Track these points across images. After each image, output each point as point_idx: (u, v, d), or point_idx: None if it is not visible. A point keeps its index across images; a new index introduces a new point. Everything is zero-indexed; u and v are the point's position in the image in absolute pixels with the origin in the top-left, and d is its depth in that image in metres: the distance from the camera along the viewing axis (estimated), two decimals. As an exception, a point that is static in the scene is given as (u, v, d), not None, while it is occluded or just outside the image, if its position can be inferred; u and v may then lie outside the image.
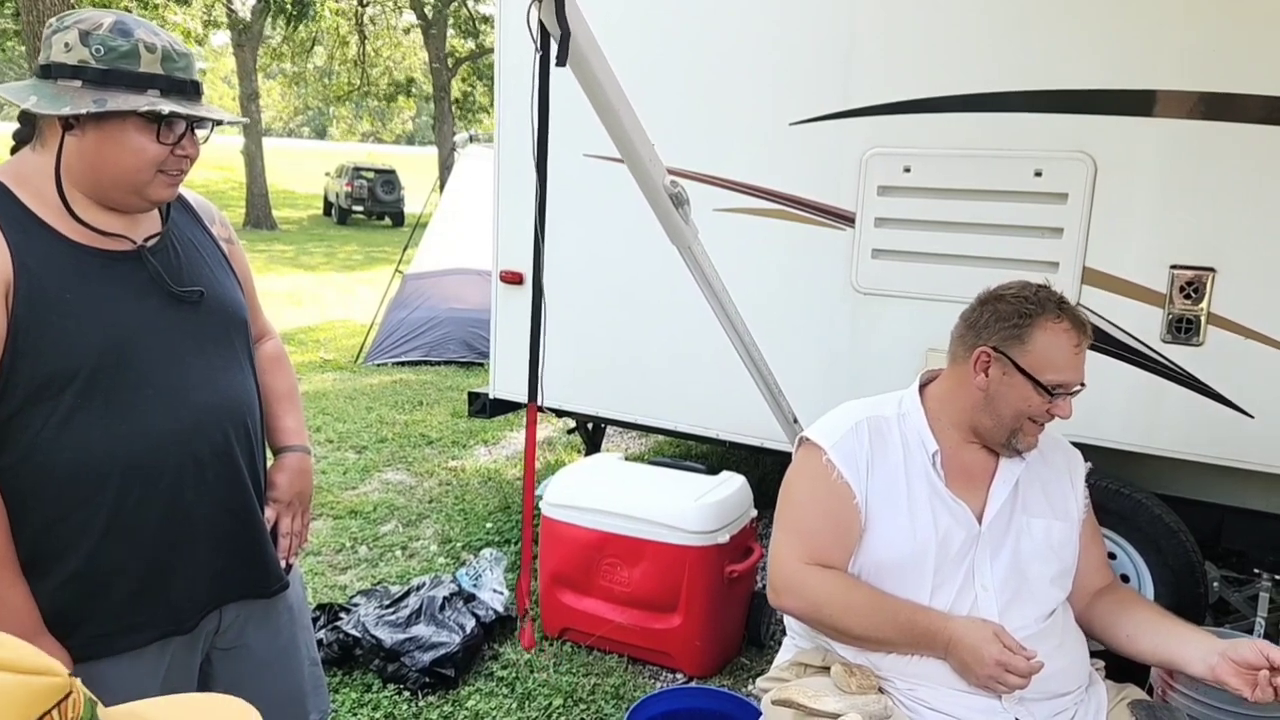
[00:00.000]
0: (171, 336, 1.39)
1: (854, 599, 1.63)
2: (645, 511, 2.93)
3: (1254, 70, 2.47)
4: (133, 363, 1.34)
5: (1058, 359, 1.62)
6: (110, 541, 1.34)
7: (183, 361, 1.40)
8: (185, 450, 1.39)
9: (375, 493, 4.60)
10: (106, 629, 1.37)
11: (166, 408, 1.37)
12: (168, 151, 1.34)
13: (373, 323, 7.90)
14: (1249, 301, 2.54)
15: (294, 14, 16.70)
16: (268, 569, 1.57)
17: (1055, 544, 1.70)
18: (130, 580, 1.37)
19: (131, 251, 1.38)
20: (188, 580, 1.43)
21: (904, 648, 1.61)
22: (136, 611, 1.39)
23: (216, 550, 1.47)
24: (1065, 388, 1.63)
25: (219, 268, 1.52)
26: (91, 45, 1.28)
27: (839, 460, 1.69)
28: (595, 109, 1.82)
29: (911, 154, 2.92)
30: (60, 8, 7.81)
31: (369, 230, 21.76)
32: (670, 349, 3.48)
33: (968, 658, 1.54)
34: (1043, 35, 2.72)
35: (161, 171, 1.35)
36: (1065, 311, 1.64)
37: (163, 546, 1.39)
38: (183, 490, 1.39)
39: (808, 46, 3.08)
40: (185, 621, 1.45)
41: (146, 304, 1.37)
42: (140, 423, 1.34)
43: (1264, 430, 2.56)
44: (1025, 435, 1.67)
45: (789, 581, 1.68)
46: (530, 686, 2.85)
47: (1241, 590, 2.81)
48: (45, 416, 1.29)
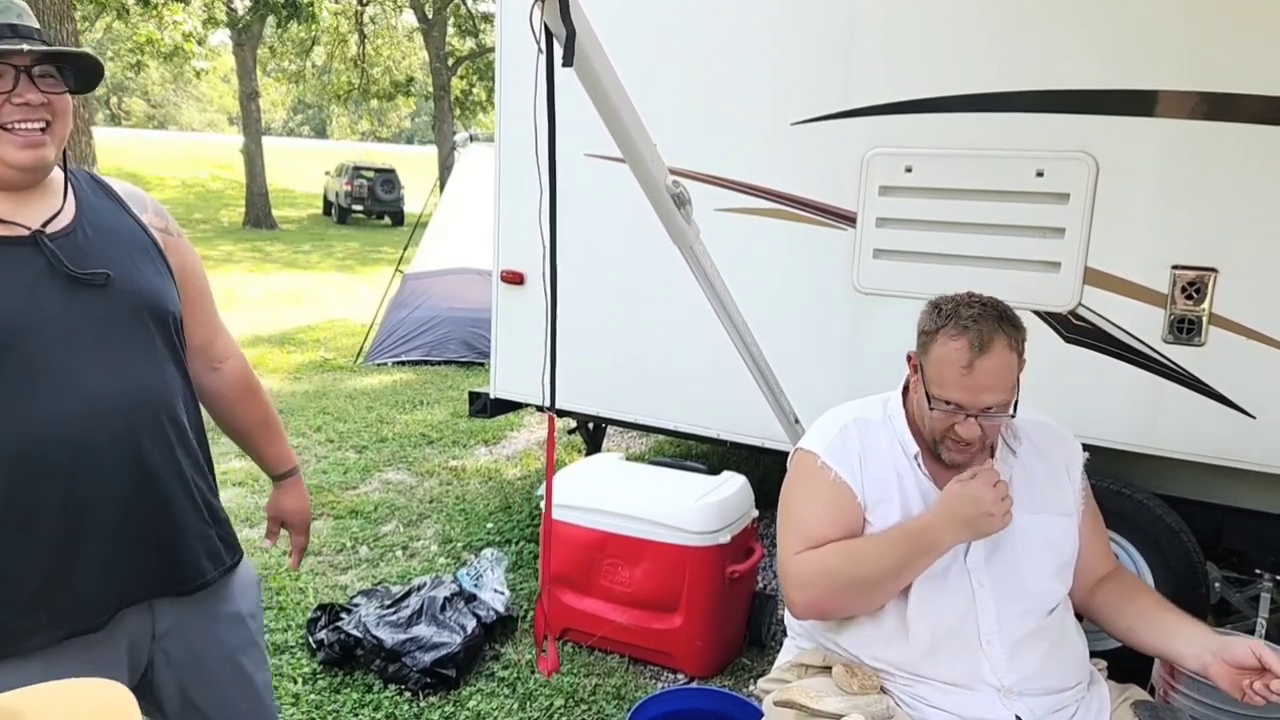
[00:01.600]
0: (70, 324, 1.32)
1: (855, 547, 1.64)
2: (646, 512, 2.93)
3: (1256, 70, 2.46)
4: (22, 351, 1.27)
5: (946, 375, 1.59)
6: (5, 535, 1.29)
7: (83, 349, 1.33)
8: (81, 439, 1.32)
9: (376, 493, 4.60)
10: (10, 627, 1.31)
11: (60, 396, 1.30)
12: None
13: (373, 322, 7.90)
14: (1251, 302, 2.54)
15: (287, 14, 16.67)
16: (183, 566, 1.48)
17: (1053, 540, 1.69)
18: (31, 576, 1.31)
19: (27, 237, 1.31)
20: (93, 576, 1.36)
21: (919, 561, 1.60)
22: (39, 609, 1.32)
23: (120, 545, 1.38)
24: (960, 408, 1.59)
25: (141, 254, 1.44)
26: None
27: (834, 462, 1.70)
28: (597, 109, 1.81)
29: (913, 154, 2.92)
30: (61, 6, 7.80)
31: (369, 229, 21.76)
32: (671, 349, 3.48)
33: (970, 511, 1.54)
34: (1044, 35, 2.72)
35: (4, 129, 1.25)
36: (967, 330, 1.57)
37: (62, 541, 1.33)
38: (79, 481, 1.32)
39: (809, 46, 3.08)
40: (95, 619, 1.37)
41: (43, 291, 1.30)
42: (32, 411, 1.28)
43: (1265, 430, 2.55)
44: (949, 450, 1.65)
45: (795, 575, 1.66)
46: (531, 687, 2.85)
47: (1243, 591, 2.81)
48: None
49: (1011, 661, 1.61)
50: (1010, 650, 1.62)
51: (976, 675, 1.61)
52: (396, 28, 23.54)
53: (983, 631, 1.63)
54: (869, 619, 1.68)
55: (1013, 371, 1.60)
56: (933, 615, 1.63)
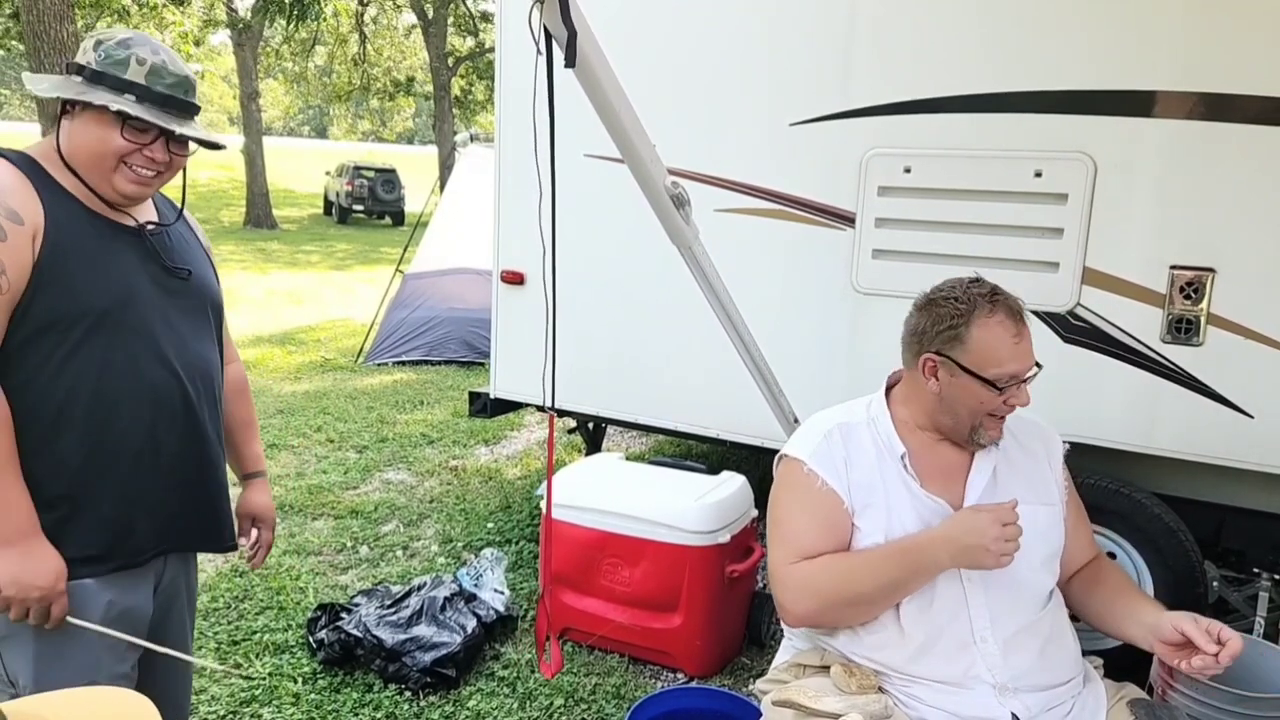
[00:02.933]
0: (162, 301, 1.60)
1: (849, 565, 1.65)
2: (646, 511, 2.93)
3: (1254, 71, 2.47)
4: (132, 314, 1.53)
5: (1000, 353, 1.63)
6: (91, 468, 1.51)
7: (169, 323, 1.60)
8: (164, 396, 1.58)
9: (376, 492, 4.60)
10: (75, 554, 1.50)
11: (154, 358, 1.56)
12: (133, 148, 1.50)
13: (373, 322, 7.91)
14: (1249, 302, 2.54)
15: (294, 14, 16.68)
16: (221, 525, 1.75)
17: (1041, 529, 1.70)
18: (104, 508, 1.53)
19: (135, 228, 1.59)
20: (149, 517, 1.59)
21: (913, 580, 1.62)
22: (104, 540, 1.54)
23: (175, 494, 1.63)
24: (1015, 378, 1.64)
25: (204, 264, 1.74)
26: (99, 52, 1.50)
27: (819, 468, 1.71)
28: (596, 109, 1.82)
29: (912, 154, 2.92)
30: (60, 7, 7.81)
31: (369, 229, 21.76)
32: (671, 349, 3.49)
33: (969, 540, 1.55)
34: (1042, 36, 2.72)
35: (125, 164, 1.51)
36: (998, 305, 1.65)
37: (135, 479, 1.56)
38: (157, 430, 1.57)
39: (808, 47, 3.08)
40: (141, 555, 1.60)
41: (145, 270, 1.58)
42: (132, 365, 1.53)
43: (1263, 430, 2.56)
44: (987, 430, 1.69)
45: (788, 588, 1.67)
46: (531, 686, 2.86)
47: (1241, 590, 2.82)
48: (54, 346, 1.46)
49: (1006, 658, 1.62)
50: (1004, 646, 1.63)
51: (971, 673, 1.62)
52: (397, 27, 23.53)
53: (976, 628, 1.64)
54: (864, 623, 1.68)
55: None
56: (925, 615, 1.64)
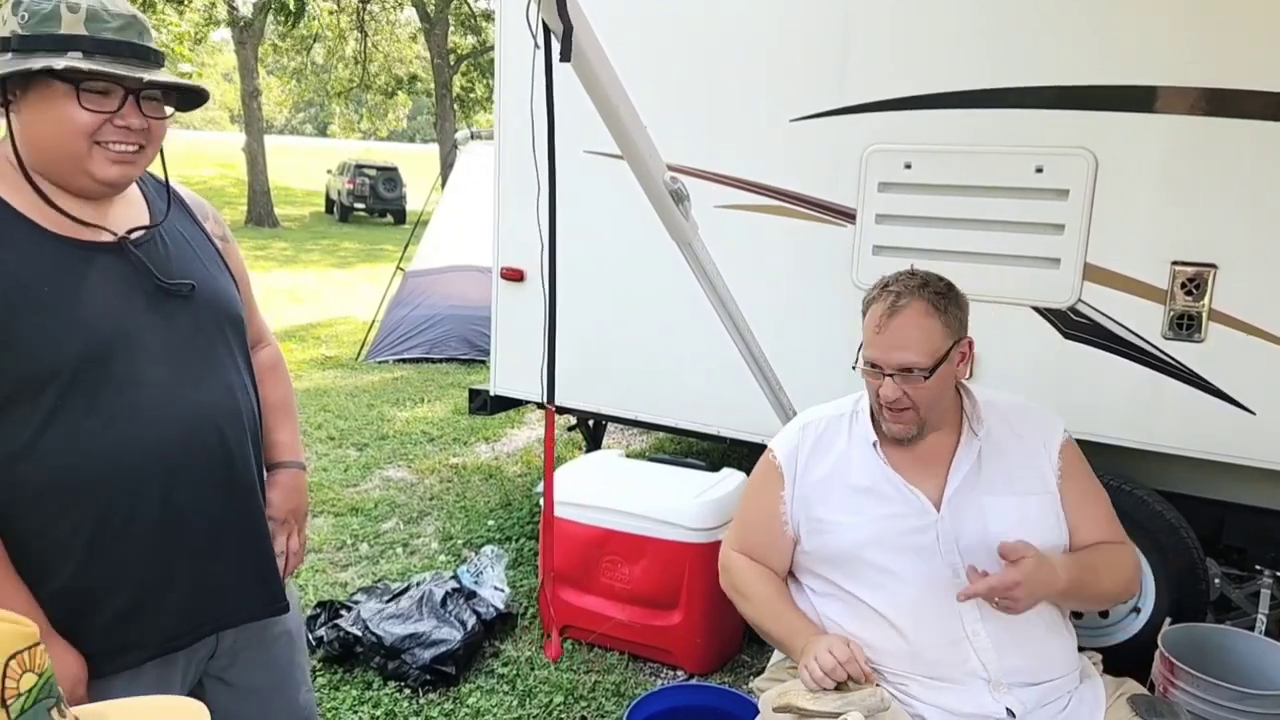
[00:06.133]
0: (160, 332, 1.30)
1: (757, 591, 1.79)
2: (646, 508, 2.93)
3: (1255, 66, 2.46)
4: (118, 360, 1.24)
5: (867, 336, 1.71)
6: (99, 554, 1.25)
7: (173, 358, 1.30)
8: (177, 453, 1.29)
9: (376, 490, 4.60)
10: (96, 648, 1.26)
11: (155, 407, 1.27)
12: (100, 119, 1.22)
13: (374, 320, 7.91)
14: (1250, 298, 2.53)
15: (294, 12, 16.69)
16: (271, 586, 1.46)
17: (1031, 521, 1.67)
18: (122, 595, 1.28)
19: (114, 243, 1.29)
20: (184, 596, 1.33)
21: (783, 647, 1.78)
22: (128, 630, 1.29)
23: (216, 562, 1.36)
24: (873, 365, 1.68)
25: (212, 263, 1.43)
26: (19, 14, 1.20)
27: (781, 457, 1.83)
28: (595, 105, 1.81)
29: (912, 150, 2.91)
30: (61, 5, 7.77)
31: (370, 227, 21.75)
32: (671, 345, 3.48)
33: (803, 657, 1.61)
34: (1043, 31, 2.71)
35: (99, 144, 1.23)
36: (888, 294, 1.67)
37: (156, 559, 1.29)
38: (175, 497, 1.29)
39: (807, 43, 3.07)
40: (180, 639, 1.35)
41: (132, 298, 1.28)
42: (127, 424, 1.25)
43: (1265, 426, 2.55)
44: (885, 420, 1.72)
45: (724, 561, 1.88)
46: (531, 684, 2.86)
47: (1243, 587, 2.81)
48: (25, 419, 1.19)
49: (998, 653, 1.61)
50: (996, 641, 1.62)
51: (965, 669, 1.62)
52: (396, 24, 23.51)
53: (966, 623, 1.63)
54: (853, 622, 1.69)
55: (932, 336, 1.64)
56: (916, 612, 1.64)
